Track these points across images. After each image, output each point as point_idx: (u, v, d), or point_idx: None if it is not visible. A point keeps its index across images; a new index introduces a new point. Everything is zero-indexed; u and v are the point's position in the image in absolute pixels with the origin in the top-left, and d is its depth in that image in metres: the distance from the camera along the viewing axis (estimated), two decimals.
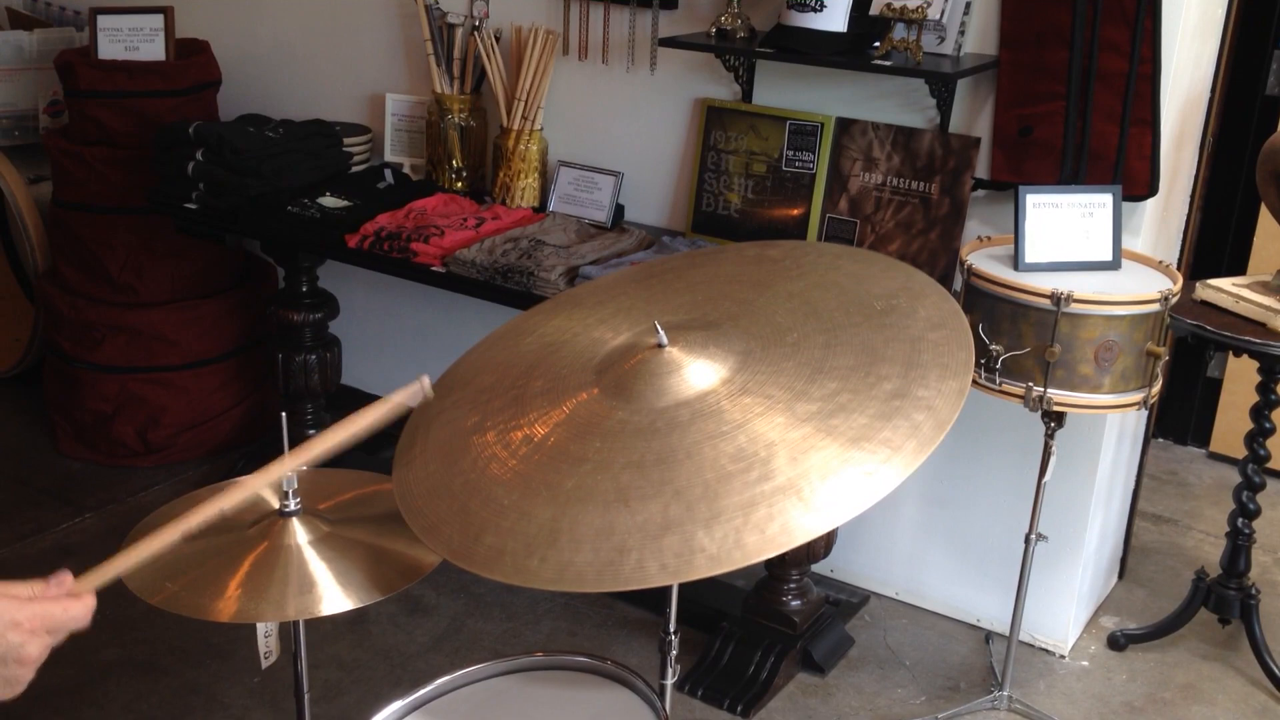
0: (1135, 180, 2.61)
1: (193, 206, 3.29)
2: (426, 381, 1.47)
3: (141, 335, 3.61)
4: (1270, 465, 2.86)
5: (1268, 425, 2.76)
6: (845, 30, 2.69)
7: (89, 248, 3.60)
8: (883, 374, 1.32)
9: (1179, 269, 2.93)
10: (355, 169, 3.50)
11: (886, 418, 1.27)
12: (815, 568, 2.98)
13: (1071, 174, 2.63)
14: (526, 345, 1.59)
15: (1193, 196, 3.01)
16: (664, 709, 1.59)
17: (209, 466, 3.69)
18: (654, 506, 1.23)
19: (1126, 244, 2.54)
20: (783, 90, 2.97)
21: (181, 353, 3.65)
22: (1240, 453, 2.82)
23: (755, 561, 1.18)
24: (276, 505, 1.62)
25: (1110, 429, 2.87)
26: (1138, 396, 2.34)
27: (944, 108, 2.75)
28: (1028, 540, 2.54)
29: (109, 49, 3.55)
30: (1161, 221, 2.82)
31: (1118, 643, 3.02)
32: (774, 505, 1.20)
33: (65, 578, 1.18)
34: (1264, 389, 2.74)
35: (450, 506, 1.37)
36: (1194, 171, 2.97)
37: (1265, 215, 3.67)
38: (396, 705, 1.61)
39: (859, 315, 1.44)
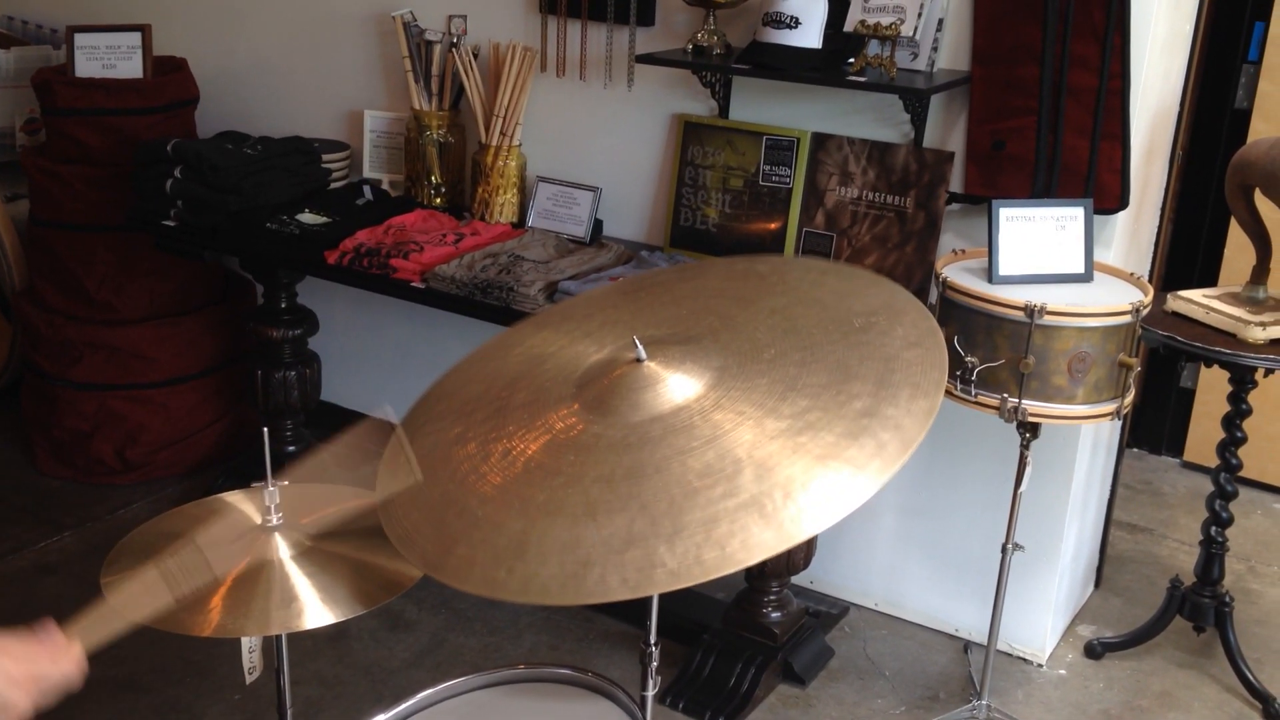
0: (1106, 193, 2.65)
1: (171, 224, 3.29)
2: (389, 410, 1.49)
3: (120, 353, 3.60)
4: (1243, 474, 2.89)
5: (1239, 434, 2.79)
6: (820, 47, 2.72)
7: (67, 266, 3.60)
8: (854, 392, 1.33)
9: (1150, 281, 2.96)
10: (334, 185, 3.51)
11: (853, 436, 1.28)
12: (795, 579, 2.99)
13: (1044, 188, 2.66)
14: (514, 357, 1.61)
15: (1163, 209, 3.05)
16: None
17: (188, 484, 3.68)
18: (620, 521, 1.25)
19: (1098, 256, 2.57)
20: (759, 106, 3.00)
21: (160, 370, 3.64)
22: (1214, 462, 2.85)
23: (714, 577, 1.19)
24: (259, 521, 1.63)
25: (1085, 439, 2.90)
26: (1111, 407, 2.37)
27: (918, 123, 2.78)
28: (1004, 550, 2.56)
29: (86, 67, 3.55)
30: (1132, 234, 2.86)
31: (1094, 651, 3.04)
32: (736, 522, 1.21)
33: (51, 629, 1.19)
34: (1235, 399, 2.77)
35: (427, 517, 1.38)
36: (1164, 184, 3.01)
37: (1235, 227, 3.70)
38: None
39: (837, 333, 1.45)
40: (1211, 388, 3.82)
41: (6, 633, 1.17)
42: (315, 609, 1.53)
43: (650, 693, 1.69)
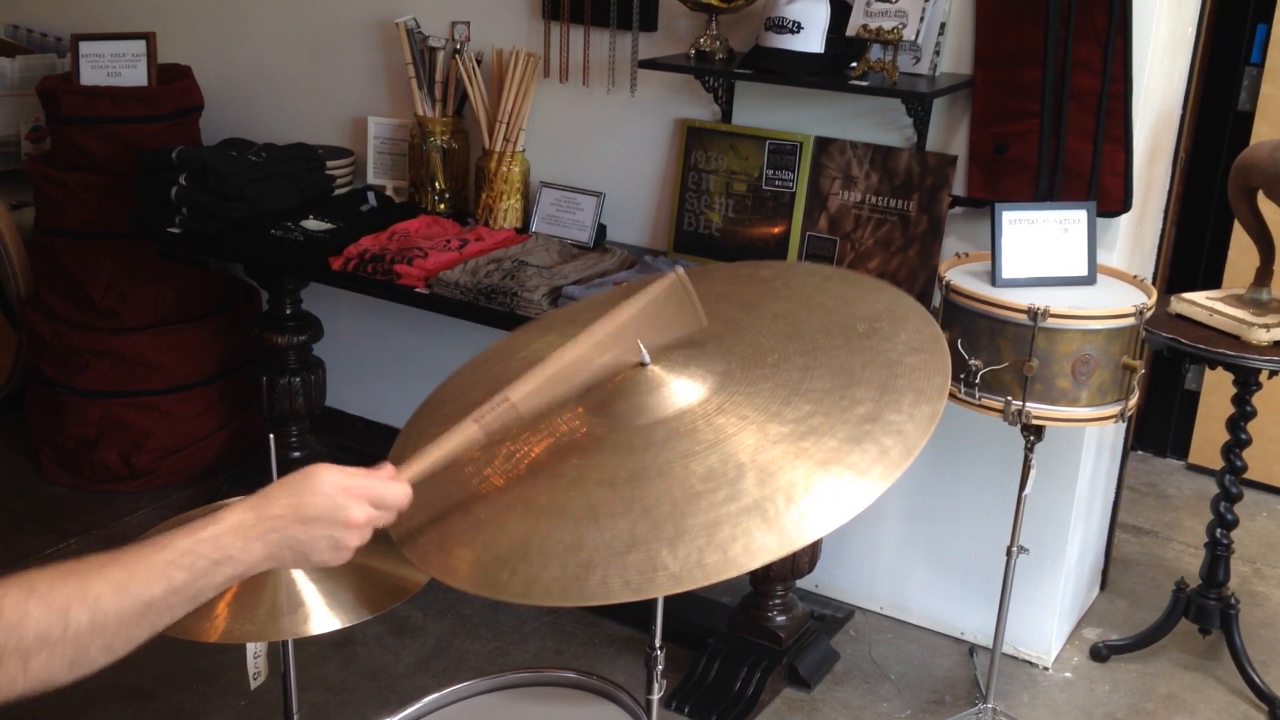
0: (1109, 196, 2.65)
1: (176, 231, 3.30)
2: (680, 271, 1.44)
3: (125, 360, 3.61)
4: (1248, 476, 2.89)
5: (1244, 437, 2.79)
6: (822, 51, 2.72)
7: (72, 273, 3.61)
8: (857, 397, 1.33)
9: (1154, 283, 2.96)
10: (338, 192, 3.51)
11: (856, 441, 1.28)
12: (800, 583, 3.00)
13: (1046, 191, 2.66)
14: (518, 361, 1.61)
15: (1166, 211, 3.05)
16: None
17: (194, 490, 3.69)
18: (622, 524, 1.25)
19: (1101, 259, 2.58)
20: (762, 110, 3.00)
21: (165, 377, 3.65)
22: (1218, 464, 2.85)
23: (716, 581, 1.19)
24: None
25: (1089, 442, 2.90)
26: (1115, 409, 2.37)
27: (920, 127, 2.78)
28: (1009, 553, 2.56)
29: (91, 75, 3.56)
30: (1136, 236, 2.86)
31: (1100, 654, 3.04)
32: (738, 526, 1.21)
33: (387, 466, 1.29)
34: (1239, 401, 2.77)
35: (430, 518, 1.38)
36: (1167, 187, 3.01)
37: (1238, 229, 3.70)
38: None
39: (840, 337, 1.46)
40: (1215, 390, 3.82)
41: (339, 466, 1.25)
42: (321, 615, 1.53)
43: (655, 696, 1.69)
